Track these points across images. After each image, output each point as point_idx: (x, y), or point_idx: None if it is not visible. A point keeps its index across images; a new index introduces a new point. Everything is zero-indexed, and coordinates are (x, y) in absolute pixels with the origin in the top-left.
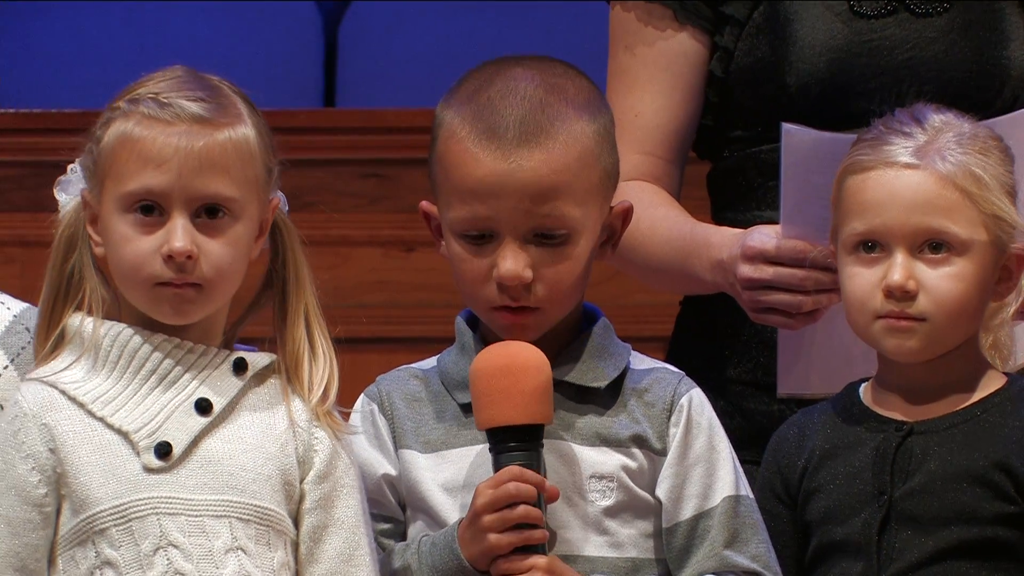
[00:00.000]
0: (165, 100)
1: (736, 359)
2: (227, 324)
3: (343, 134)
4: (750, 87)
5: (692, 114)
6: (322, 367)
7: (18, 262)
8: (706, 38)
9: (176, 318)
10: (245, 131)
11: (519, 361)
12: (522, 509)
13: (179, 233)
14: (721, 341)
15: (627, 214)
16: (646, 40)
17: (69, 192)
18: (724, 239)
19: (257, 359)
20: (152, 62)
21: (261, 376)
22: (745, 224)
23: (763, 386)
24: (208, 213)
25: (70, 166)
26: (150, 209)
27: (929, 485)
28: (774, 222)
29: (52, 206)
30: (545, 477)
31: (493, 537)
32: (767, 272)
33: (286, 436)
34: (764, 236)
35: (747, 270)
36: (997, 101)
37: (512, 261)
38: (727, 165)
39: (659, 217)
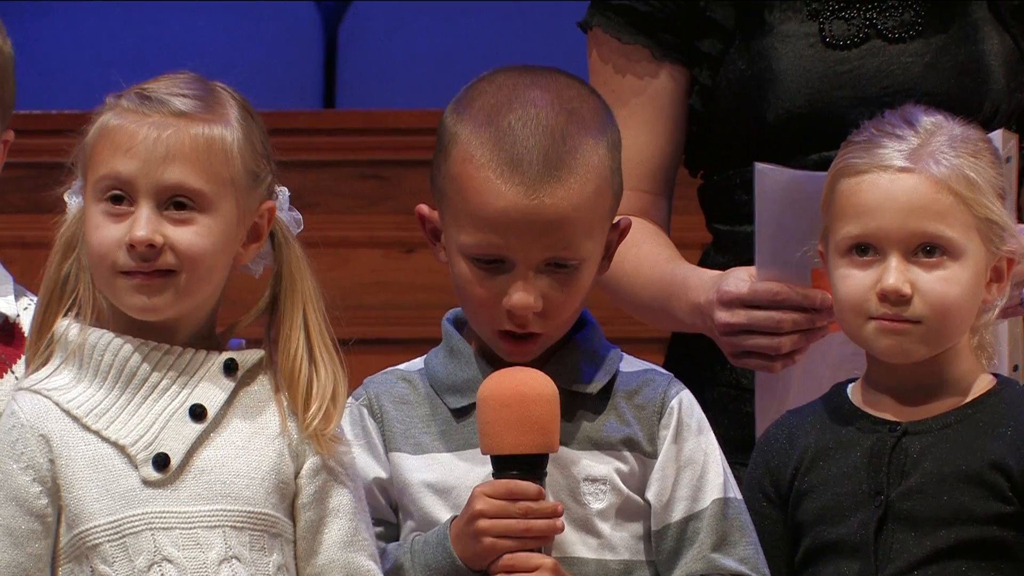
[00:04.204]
0: (148, 95)
1: (724, 362)
2: (219, 329)
3: (343, 135)
4: (729, 123)
5: (676, 146)
6: (323, 384)
7: (18, 263)
8: (685, 72)
9: (147, 312)
10: (222, 130)
11: (529, 391)
12: (528, 523)
13: (141, 222)
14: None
15: (625, 232)
16: (626, 80)
17: (81, 195)
18: (702, 282)
19: (246, 357)
20: (152, 62)
21: (251, 373)
22: (738, 237)
23: (746, 388)
24: (176, 206)
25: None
26: (120, 199)
27: (926, 485)
28: None
29: (52, 207)
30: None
31: (488, 540)
32: (744, 317)
33: (279, 433)
34: (739, 280)
35: (724, 315)
36: (979, 115)
37: (524, 292)
38: (714, 183)
39: (643, 256)
